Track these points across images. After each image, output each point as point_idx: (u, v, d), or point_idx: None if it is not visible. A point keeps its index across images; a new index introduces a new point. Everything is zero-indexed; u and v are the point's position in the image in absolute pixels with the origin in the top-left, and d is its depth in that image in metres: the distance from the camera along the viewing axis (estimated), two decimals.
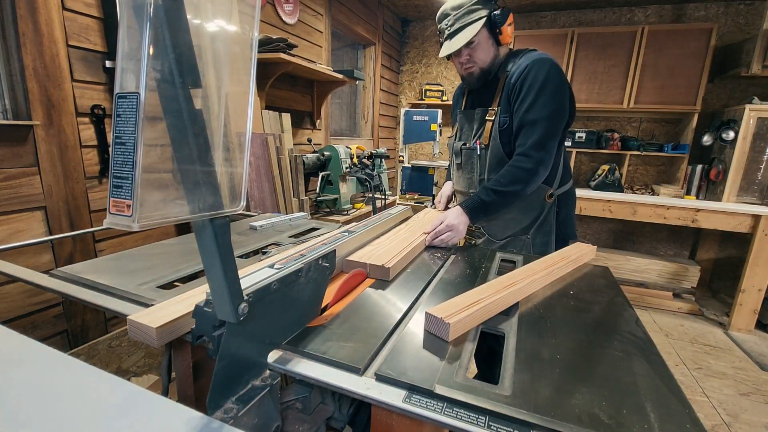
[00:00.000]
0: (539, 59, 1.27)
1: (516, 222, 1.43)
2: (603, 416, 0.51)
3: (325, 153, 2.59)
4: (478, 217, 1.25)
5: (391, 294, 0.86)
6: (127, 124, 0.37)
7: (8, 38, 1.30)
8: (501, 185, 1.24)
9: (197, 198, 0.43)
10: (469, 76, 1.39)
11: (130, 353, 1.65)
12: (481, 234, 1.54)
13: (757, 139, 3.05)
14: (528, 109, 1.25)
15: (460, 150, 1.49)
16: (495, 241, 1.49)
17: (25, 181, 1.35)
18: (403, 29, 4.65)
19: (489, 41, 1.32)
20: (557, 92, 1.24)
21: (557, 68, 1.27)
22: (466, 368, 0.61)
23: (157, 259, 1.01)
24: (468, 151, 1.47)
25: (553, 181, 1.39)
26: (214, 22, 0.45)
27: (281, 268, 0.66)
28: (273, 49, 2.08)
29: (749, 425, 1.91)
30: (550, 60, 1.27)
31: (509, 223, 1.44)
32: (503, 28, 1.29)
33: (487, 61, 1.35)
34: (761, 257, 2.79)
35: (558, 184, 1.41)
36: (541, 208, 1.40)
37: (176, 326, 0.65)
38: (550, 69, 1.24)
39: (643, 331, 0.75)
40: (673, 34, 3.34)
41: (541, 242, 1.42)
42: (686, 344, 2.70)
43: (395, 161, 4.69)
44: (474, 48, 1.31)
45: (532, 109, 1.24)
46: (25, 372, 0.56)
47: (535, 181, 1.26)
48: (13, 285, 1.33)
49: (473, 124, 1.45)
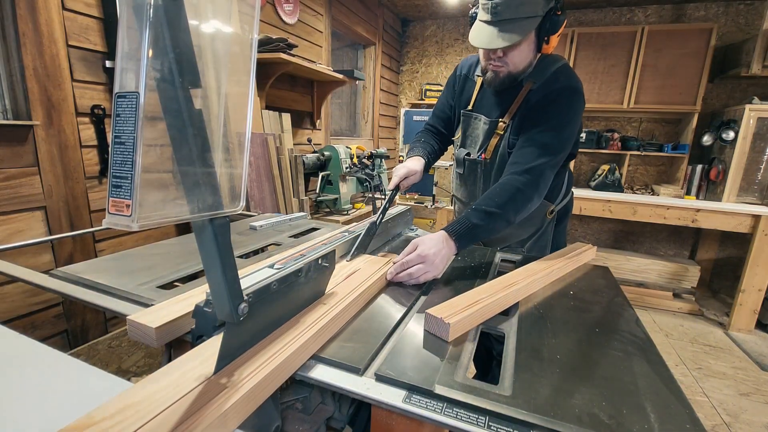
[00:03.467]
0: (571, 88, 1.14)
1: (514, 236, 1.37)
2: (603, 416, 0.51)
3: (325, 153, 2.59)
4: (465, 244, 1.01)
5: (390, 294, 0.86)
6: (126, 124, 0.37)
7: (8, 38, 1.30)
8: (494, 205, 1.03)
9: (197, 198, 0.43)
10: (494, 77, 1.18)
11: (130, 353, 1.65)
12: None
13: (757, 139, 3.05)
14: (542, 131, 1.12)
15: (464, 160, 1.34)
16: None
17: (25, 181, 1.35)
18: (403, 29, 4.65)
19: (531, 46, 1.12)
20: (574, 127, 1.15)
21: (582, 100, 1.16)
22: (466, 368, 0.61)
23: (157, 259, 1.01)
24: (471, 163, 1.33)
25: (555, 197, 1.32)
26: (214, 22, 0.45)
27: (281, 268, 0.66)
28: (273, 49, 2.08)
29: (749, 425, 1.91)
30: (578, 90, 1.15)
31: (506, 237, 1.37)
32: (552, 37, 1.11)
33: (520, 66, 1.15)
34: (761, 257, 2.79)
35: (560, 199, 1.34)
36: (541, 223, 1.33)
37: (176, 326, 0.65)
38: (578, 102, 1.14)
39: (643, 331, 0.75)
40: (673, 34, 3.34)
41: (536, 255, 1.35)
42: (686, 344, 2.69)
43: (395, 161, 4.69)
44: (514, 48, 1.10)
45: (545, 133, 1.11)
46: (25, 372, 0.56)
47: (528, 208, 1.10)
48: (13, 285, 1.33)
49: (478, 132, 1.30)
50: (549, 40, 1.11)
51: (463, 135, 1.37)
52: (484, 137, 1.27)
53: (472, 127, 1.32)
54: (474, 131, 1.32)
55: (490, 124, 1.25)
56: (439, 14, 4.32)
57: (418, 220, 3.45)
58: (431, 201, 3.47)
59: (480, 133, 1.28)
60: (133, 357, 1.65)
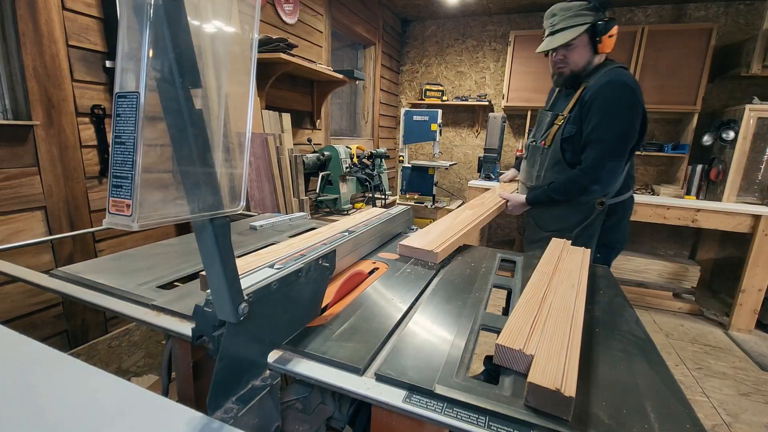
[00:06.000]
0: (615, 81, 1.30)
1: (563, 219, 1.52)
2: (603, 416, 0.51)
3: (325, 153, 2.59)
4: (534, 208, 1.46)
5: (391, 294, 0.86)
6: (126, 124, 0.37)
7: (8, 38, 1.30)
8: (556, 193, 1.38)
9: (197, 198, 0.43)
10: (559, 76, 1.46)
11: (130, 353, 1.65)
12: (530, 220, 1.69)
13: (757, 139, 3.05)
14: (594, 129, 1.31)
15: (529, 145, 1.64)
16: (540, 231, 1.59)
17: (25, 181, 1.35)
18: (403, 29, 4.65)
19: (587, 47, 1.37)
20: (625, 115, 1.28)
21: (631, 90, 1.30)
22: (466, 368, 0.61)
23: (157, 259, 1.01)
24: (534, 148, 1.59)
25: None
26: (214, 22, 0.45)
27: (281, 268, 0.66)
28: (273, 49, 2.08)
29: (749, 425, 1.91)
30: (625, 82, 1.30)
31: (557, 218, 1.54)
32: (604, 37, 1.33)
33: (579, 64, 1.40)
34: (761, 257, 2.79)
35: (614, 194, 1.46)
36: (589, 212, 1.46)
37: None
38: (623, 92, 1.29)
39: (643, 331, 0.75)
40: (673, 34, 3.34)
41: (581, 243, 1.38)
42: (686, 344, 2.69)
43: (395, 161, 4.69)
44: (570, 50, 1.37)
45: (597, 130, 1.30)
46: (25, 372, 0.56)
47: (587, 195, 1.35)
48: (13, 285, 1.33)
49: (544, 124, 1.56)
50: (601, 40, 1.33)
51: (535, 129, 1.66)
52: (546, 128, 1.53)
53: (541, 121, 1.60)
54: (541, 124, 1.60)
55: (551, 116, 1.51)
56: (439, 14, 4.32)
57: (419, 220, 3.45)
58: (431, 201, 3.48)
59: (545, 125, 1.55)
60: (133, 357, 1.65)
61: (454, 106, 4.56)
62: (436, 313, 0.78)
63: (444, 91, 4.47)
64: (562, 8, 1.36)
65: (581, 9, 1.32)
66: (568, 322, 0.69)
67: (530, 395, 0.51)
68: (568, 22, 1.33)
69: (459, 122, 4.65)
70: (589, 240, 1.48)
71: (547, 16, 1.40)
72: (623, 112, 1.28)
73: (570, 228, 1.50)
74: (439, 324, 0.74)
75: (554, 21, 1.36)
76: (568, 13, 1.33)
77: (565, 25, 1.33)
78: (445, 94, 4.48)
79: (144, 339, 1.69)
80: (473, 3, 3.87)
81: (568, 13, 1.34)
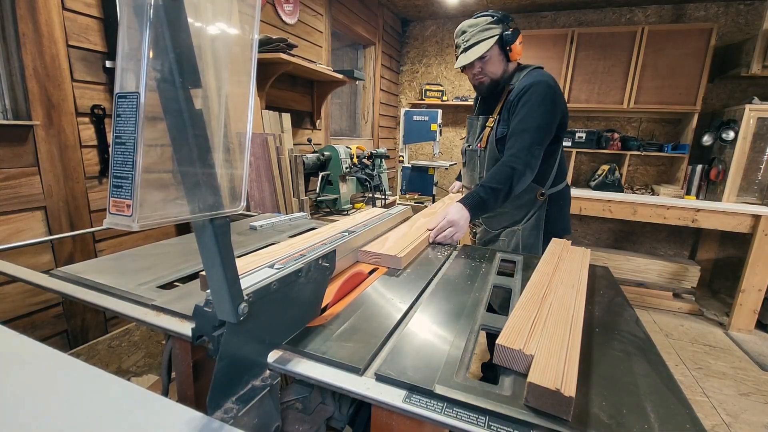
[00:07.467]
0: (537, 82, 1.41)
1: (510, 216, 1.60)
2: (603, 416, 0.51)
3: (325, 153, 2.59)
4: (477, 213, 1.35)
5: (391, 294, 0.86)
6: (127, 124, 0.37)
7: (8, 38, 1.30)
8: (495, 182, 1.35)
9: (197, 198, 0.43)
10: (480, 86, 1.57)
11: (130, 353, 1.65)
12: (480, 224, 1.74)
13: (757, 139, 3.05)
14: (520, 121, 1.41)
15: (465, 150, 1.73)
16: (491, 231, 1.67)
17: (25, 181, 1.35)
18: (403, 29, 4.65)
19: (500, 57, 1.49)
20: (548, 109, 1.40)
21: (551, 89, 1.41)
22: (466, 368, 0.61)
23: (157, 259, 1.01)
24: (471, 152, 1.68)
25: (544, 181, 1.55)
26: (214, 22, 0.45)
27: (281, 268, 0.66)
28: (273, 49, 2.08)
29: (749, 425, 1.91)
30: (547, 82, 1.41)
31: (504, 217, 1.62)
32: (513, 46, 1.46)
33: (497, 73, 1.51)
34: (761, 257, 2.79)
35: (550, 184, 1.56)
36: (532, 205, 1.56)
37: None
38: (546, 90, 1.40)
39: (643, 331, 0.75)
40: (673, 34, 3.34)
41: (530, 234, 1.58)
42: (686, 344, 2.69)
43: (395, 161, 4.69)
44: (486, 62, 1.48)
45: (523, 121, 1.40)
46: (25, 372, 0.56)
47: (524, 181, 1.37)
48: (13, 285, 1.33)
49: (476, 128, 1.66)
50: (511, 48, 1.46)
51: (468, 135, 1.76)
52: (479, 131, 1.64)
53: (472, 126, 1.71)
54: (473, 129, 1.70)
55: (482, 120, 1.63)
56: (439, 14, 4.32)
57: None
58: (431, 201, 3.47)
59: (477, 129, 1.66)
60: (133, 357, 1.65)
61: (454, 106, 4.56)
62: (436, 313, 0.78)
63: (444, 91, 4.47)
64: (470, 25, 1.46)
65: (488, 24, 1.44)
66: (568, 322, 0.69)
67: (530, 395, 0.51)
68: (479, 36, 1.44)
69: (459, 122, 4.65)
70: (537, 230, 1.56)
71: (457, 34, 1.51)
72: (545, 108, 1.39)
73: (517, 222, 1.59)
74: (439, 324, 0.74)
75: (466, 37, 1.46)
76: (477, 29, 1.44)
77: (477, 39, 1.44)
78: (445, 94, 4.47)
79: (144, 339, 1.69)
80: (473, 3, 3.87)
81: (476, 29, 1.44)
